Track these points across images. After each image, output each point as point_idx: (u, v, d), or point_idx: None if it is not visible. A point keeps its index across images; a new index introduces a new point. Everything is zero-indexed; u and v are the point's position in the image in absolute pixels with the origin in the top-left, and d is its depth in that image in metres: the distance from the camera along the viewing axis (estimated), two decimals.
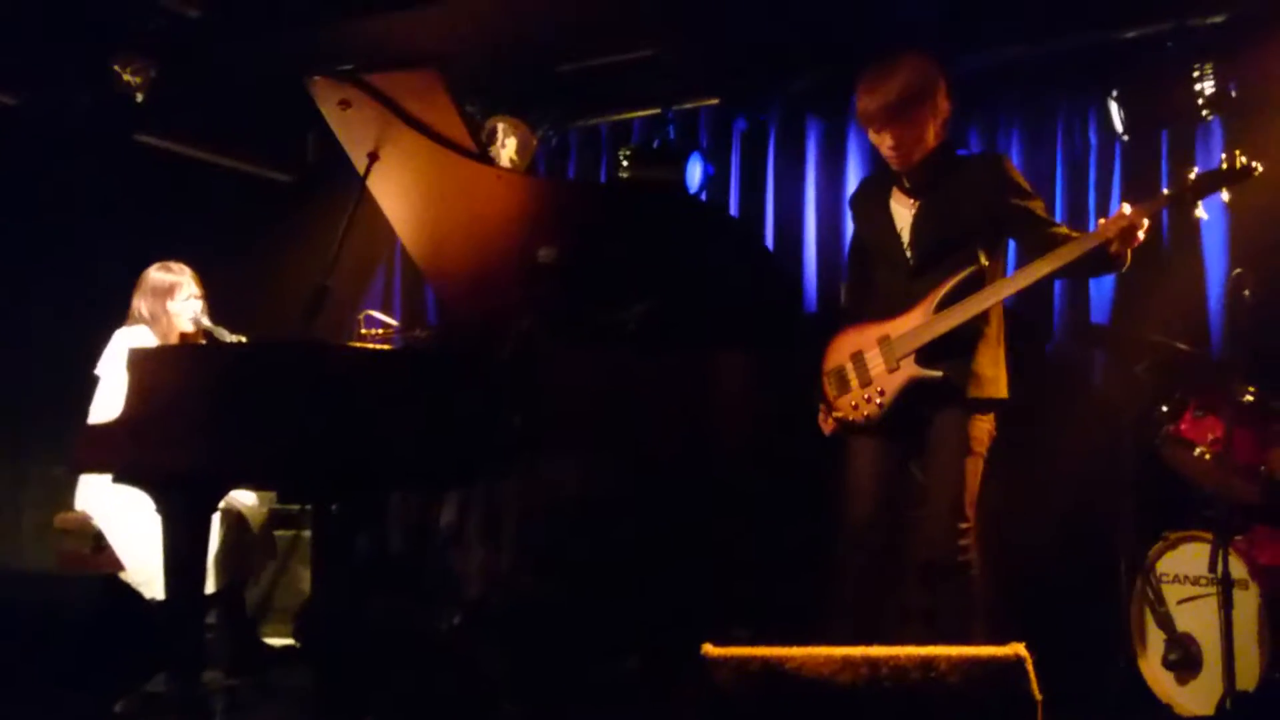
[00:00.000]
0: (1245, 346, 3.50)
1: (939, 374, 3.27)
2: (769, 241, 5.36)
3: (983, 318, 3.30)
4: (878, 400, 3.34)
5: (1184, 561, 3.65)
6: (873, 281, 3.52)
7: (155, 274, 4.30)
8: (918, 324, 3.30)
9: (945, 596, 3.27)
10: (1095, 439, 4.03)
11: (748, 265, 4.17)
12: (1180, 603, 3.63)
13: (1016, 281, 3.31)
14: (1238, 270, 3.41)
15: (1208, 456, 3.63)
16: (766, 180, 5.50)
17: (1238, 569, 3.40)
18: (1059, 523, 4.37)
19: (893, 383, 3.32)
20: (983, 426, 3.32)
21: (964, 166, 3.44)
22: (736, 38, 5.14)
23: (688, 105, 5.62)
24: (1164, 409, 3.83)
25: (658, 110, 5.62)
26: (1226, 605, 3.18)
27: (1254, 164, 3.11)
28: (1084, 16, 4.73)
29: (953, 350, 3.28)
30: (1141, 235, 3.12)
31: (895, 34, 4.73)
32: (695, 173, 5.40)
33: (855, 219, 3.65)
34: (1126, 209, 3.14)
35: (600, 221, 4.05)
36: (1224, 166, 3.13)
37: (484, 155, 3.90)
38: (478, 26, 5.05)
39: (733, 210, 5.52)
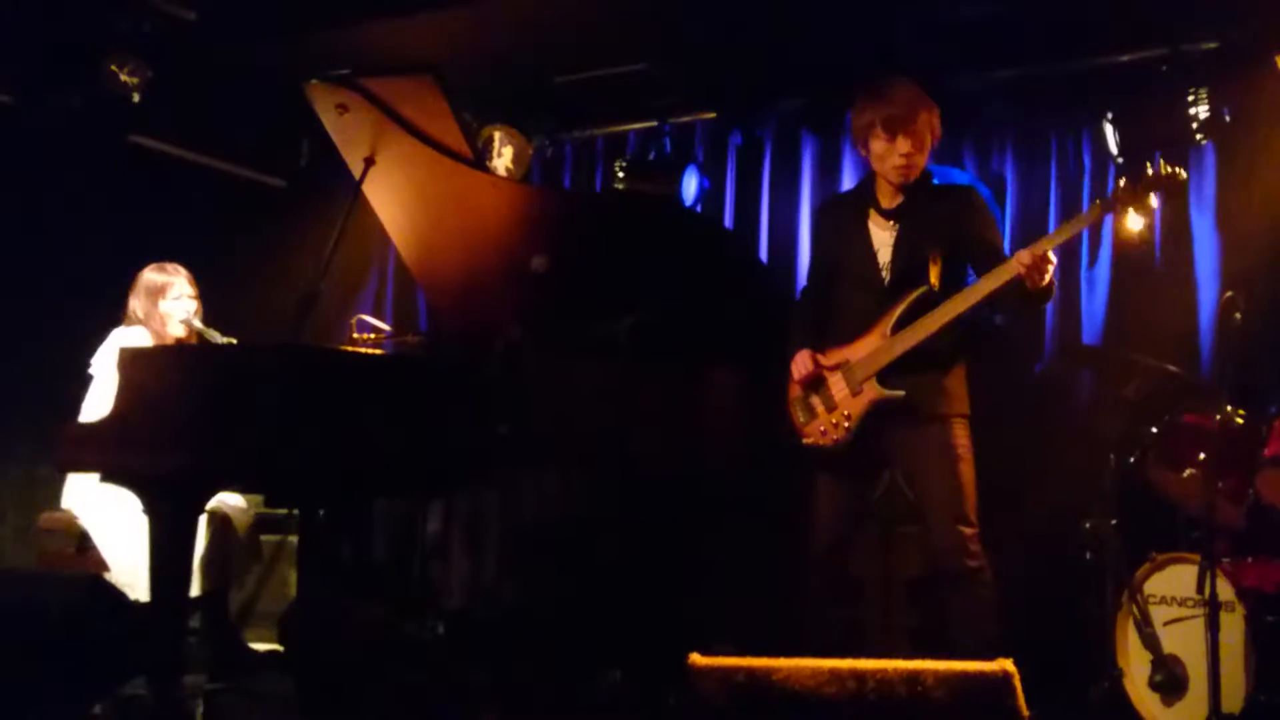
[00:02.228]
0: (1235, 370, 3.50)
1: (900, 394, 3.36)
2: (763, 255, 5.37)
3: (946, 335, 3.36)
4: (845, 424, 3.43)
5: (1171, 583, 3.64)
6: (836, 301, 3.57)
7: (149, 274, 4.29)
8: (876, 347, 3.40)
9: (961, 605, 3.32)
10: (1084, 459, 4.03)
11: (741, 279, 4.18)
12: (1167, 624, 3.62)
13: (957, 305, 3.35)
14: (1229, 293, 3.41)
15: (1195, 479, 3.63)
16: (761, 194, 5.51)
17: (1225, 591, 3.39)
18: (1046, 542, 4.37)
19: (857, 406, 3.41)
20: (962, 434, 3.39)
21: (941, 194, 3.54)
22: (733, 54, 5.15)
23: (684, 119, 5.64)
24: (1153, 430, 3.84)
25: (654, 123, 5.63)
26: (1213, 627, 3.16)
27: (1178, 170, 3.21)
28: (1079, 40, 4.76)
29: (921, 367, 3.36)
30: (1053, 262, 3.21)
31: (892, 54, 4.76)
32: (690, 186, 5.41)
33: (821, 236, 3.69)
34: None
35: (594, 232, 4.05)
36: (1152, 173, 3.22)
37: (480, 162, 3.90)
38: (474, 36, 5.06)
39: (727, 224, 5.53)
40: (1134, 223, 3.28)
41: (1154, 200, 3.24)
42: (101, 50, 5.08)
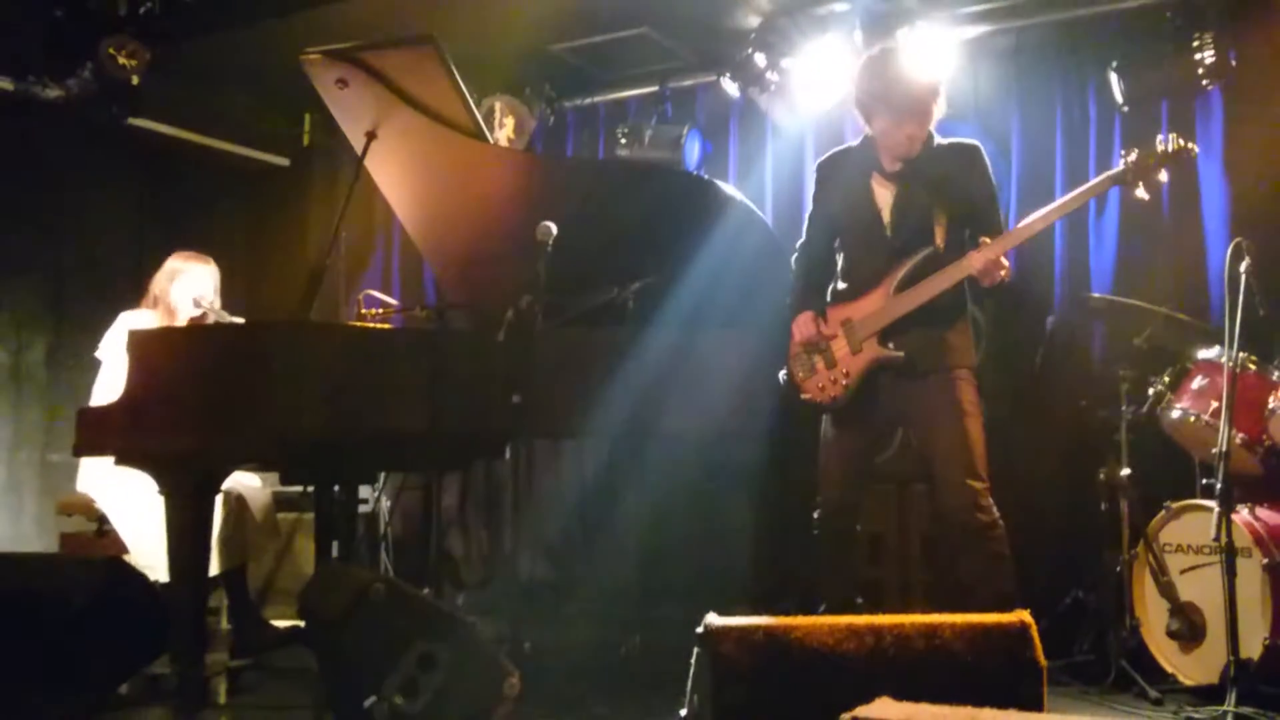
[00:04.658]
0: (1245, 316, 3.48)
1: (900, 355, 3.37)
2: (768, 217, 5.34)
3: (952, 291, 3.36)
4: (843, 382, 3.43)
5: (1186, 531, 3.65)
6: (838, 257, 3.56)
7: (174, 258, 4.31)
8: (878, 306, 3.40)
9: (975, 561, 3.30)
10: (1096, 410, 4.03)
11: (745, 242, 4.16)
12: (1183, 572, 3.63)
13: (936, 283, 3.35)
14: (1238, 239, 3.40)
15: (1209, 426, 3.62)
16: (765, 157, 5.48)
17: (1240, 537, 3.40)
18: (1060, 493, 4.38)
19: (857, 364, 3.42)
20: (967, 388, 3.38)
21: (944, 153, 3.48)
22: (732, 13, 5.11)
23: (685, 83, 5.60)
24: (1165, 379, 3.83)
25: (654, 88, 5.59)
26: (1230, 573, 3.17)
27: (1190, 145, 3.28)
28: None
29: (922, 323, 3.36)
30: (1006, 265, 3.29)
31: (895, 9, 4.72)
32: (693, 150, 5.38)
33: (822, 191, 3.63)
34: (986, 241, 3.29)
35: (598, 199, 4.03)
36: (1162, 149, 3.26)
37: (482, 133, 3.88)
38: (472, 5, 5.02)
39: (731, 186, 5.50)
40: (1141, 194, 3.28)
41: (1164, 175, 3.26)
42: (100, 34, 5.07)
